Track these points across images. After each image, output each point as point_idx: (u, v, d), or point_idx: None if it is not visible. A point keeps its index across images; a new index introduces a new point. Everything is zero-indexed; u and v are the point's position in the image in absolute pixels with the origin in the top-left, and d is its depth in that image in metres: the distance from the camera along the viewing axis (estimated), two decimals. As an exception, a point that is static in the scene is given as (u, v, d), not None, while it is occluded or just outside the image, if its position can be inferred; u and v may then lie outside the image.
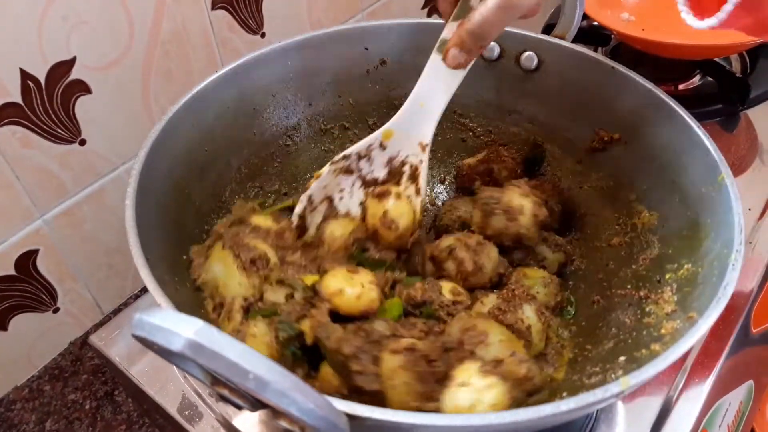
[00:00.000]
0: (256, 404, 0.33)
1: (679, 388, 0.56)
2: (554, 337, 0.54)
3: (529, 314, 0.52)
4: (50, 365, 0.79)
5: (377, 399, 0.44)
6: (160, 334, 0.25)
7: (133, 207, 0.43)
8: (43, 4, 0.62)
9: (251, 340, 0.47)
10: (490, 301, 0.54)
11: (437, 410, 0.42)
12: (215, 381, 0.34)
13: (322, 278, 0.52)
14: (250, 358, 0.25)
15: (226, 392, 0.33)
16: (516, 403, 0.43)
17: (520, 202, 0.59)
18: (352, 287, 0.51)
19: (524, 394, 0.45)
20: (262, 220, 0.58)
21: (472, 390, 0.41)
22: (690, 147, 0.52)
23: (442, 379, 0.43)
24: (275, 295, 0.49)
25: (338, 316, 0.50)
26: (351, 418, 0.31)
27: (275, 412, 0.33)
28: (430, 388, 0.43)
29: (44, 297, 0.76)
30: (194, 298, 0.50)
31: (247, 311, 0.50)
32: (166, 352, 0.26)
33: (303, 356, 0.49)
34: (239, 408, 0.34)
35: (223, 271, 0.51)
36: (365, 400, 0.43)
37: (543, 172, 0.68)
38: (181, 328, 0.25)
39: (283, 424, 0.32)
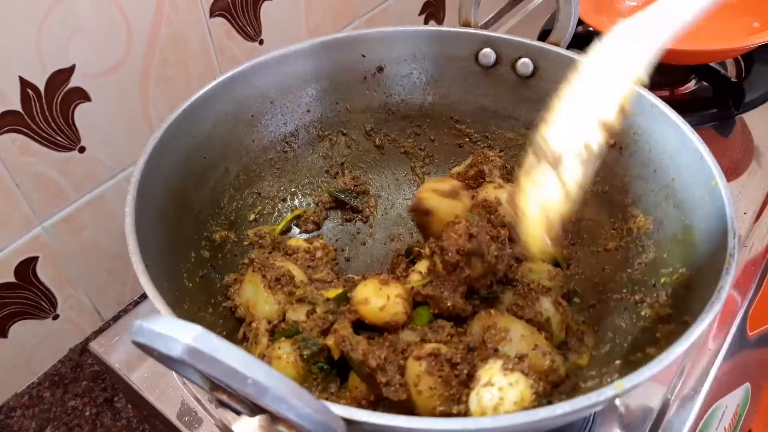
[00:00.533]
0: (255, 409, 0.34)
1: (676, 391, 0.56)
2: (573, 324, 0.55)
3: (546, 306, 0.53)
4: (50, 372, 0.79)
5: (405, 407, 0.45)
6: (159, 341, 0.25)
7: (132, 214, 0.44)
8: (41, 12, 0.63)
9: (277, 362, 0.48)
10: (507, 298, 0.55)
11: (464, 413, 0.43)
12: (214, 386, 0.34)
13: (357, 286, 0.53)
14: (248, 363, 0.26)
15: (225, 398, 0.33)
16: (541, 397, 0.43)
17: (496, 195, 0.60)
18: (378, 298, 0.52)
19: (550, 385, 0.46)
20: (294, 241, 0.64)
21: (496, 389, 0.42)
22: (684, 152, 0.53)
23: (467, 381, 0.44)
24: (296, 314, 0.51)
25: (368, 327, 0.52)
26: (348, 422, 0.31)
27: (274, 418, 0.33)
28: (455, 391, 0.44)
29: (44, 304, 0.76)
30: (194, 304, 0.51)
31: (273, 334, 0.51)
32: (166, 358, 0.26)
33: (332, 370, 0.51)
34: (238, 413, 0.35)
35: (253, 291, 0.55)
36: (394, 405, 0.44)
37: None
38: (180, 334, 0.25)
39: (282, 429, 0.33)
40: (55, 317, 0.78)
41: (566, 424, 0.52)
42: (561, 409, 0.33)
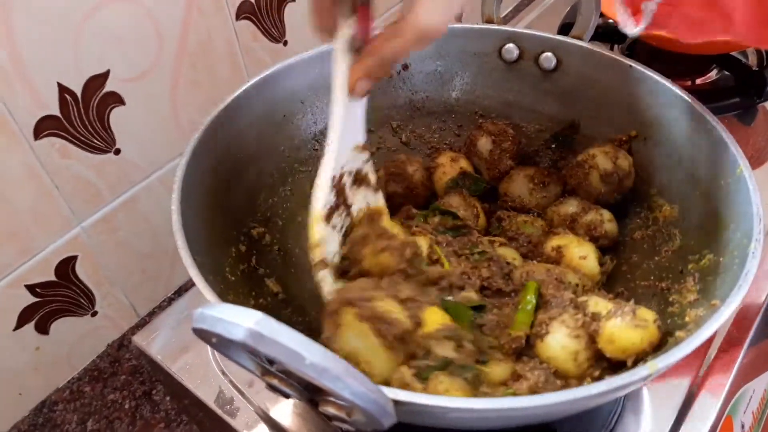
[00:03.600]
0: (303, 392, 0.35)
1: (703, 376, 0.57)
2: None
3: None
4: (89, 367, 0.82)
5: None
6: (221, 326, 0.27)
7: (178, 212, 0.46)
8: (77, 21, 0.65)
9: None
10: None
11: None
12: (265, 371, 0.36)
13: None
14: (307, 345, 0.28)
15: (275, 382, 0.35)
16: None
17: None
18: None
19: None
20: (391, 226, 0.57)
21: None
22: (708, 141, 0.54)
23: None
24: (444, 350, 0.47)
25: None
26: (396, 403, 0.33)
27: (323, 400, 0.35)
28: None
29: (83, 301, 0.79)
30: (236, 296, 0.52)
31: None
32: (227, 342, 0.28)
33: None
34: (287, 397, 0.37)
35: (366, 348, 0.46)
36: None
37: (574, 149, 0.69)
38: (241, 319, 0.27)
39: (330, 410, 0.34)
40: (94, 314, 0.80)
41: (597, 410, 0.54)
42: (597, 388, 0.34)
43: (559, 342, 0.47)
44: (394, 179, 0.66)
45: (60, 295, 0.76)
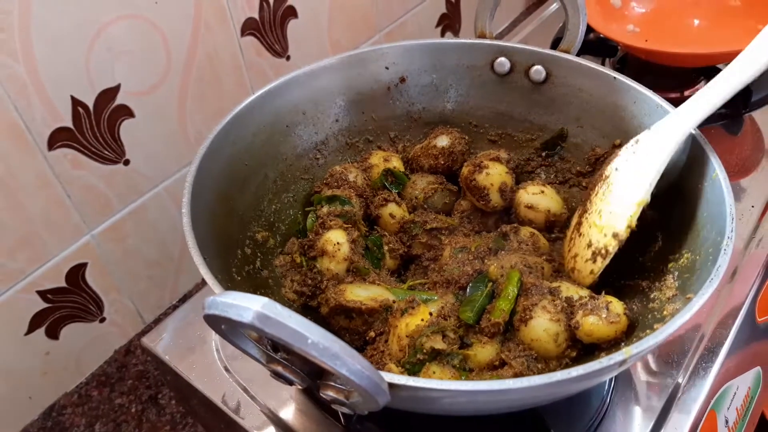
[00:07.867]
0: (305, 378, 0.38)
1: (688, 373, 0.60)
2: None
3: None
4: (97, 372, 0.85)
5: None
6: (232, 310, 0.30)
7: (188, 215, 0.48)
8: (90, 37, 0.69)
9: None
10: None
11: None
12: (270, 359, 0.39)
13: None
14: (308, 327, 0.30)
15: (279, 369, 0.38)
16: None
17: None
18: None
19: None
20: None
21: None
22: (687, 148, 0.57)
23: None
24: (435, 343, 0.50)
25: None
26: (390, 386, 0.36)
27: (323, 384, 0.38)
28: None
29: (92, 307, 0.81)
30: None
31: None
32: (236, 325, 0.31)
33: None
34: (290, 383, 0.39)
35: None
36: None
37: (562, 156, 0.72)
38: (250, 303, 0.30)
39: (330, 393, 0.37)
40: (102, 320, 0.83)
41: (585, 402, 0.57)
42: (576, 372, 0.37)
43: (542, 325, 0.51)
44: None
45: (70, 301, 0.79)
